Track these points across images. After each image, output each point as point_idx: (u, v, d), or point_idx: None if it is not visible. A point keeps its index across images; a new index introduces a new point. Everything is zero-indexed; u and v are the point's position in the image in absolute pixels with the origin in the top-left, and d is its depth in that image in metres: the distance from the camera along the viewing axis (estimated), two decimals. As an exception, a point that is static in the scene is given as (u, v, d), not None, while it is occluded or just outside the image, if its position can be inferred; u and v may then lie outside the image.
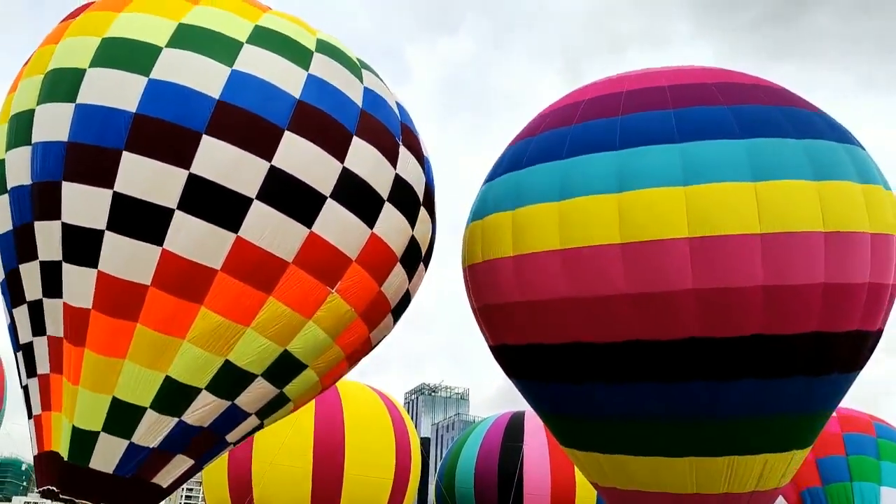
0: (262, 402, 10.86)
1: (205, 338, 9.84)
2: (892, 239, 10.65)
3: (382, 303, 11.70)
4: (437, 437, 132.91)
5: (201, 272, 9.62)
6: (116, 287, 9.60)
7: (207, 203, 9.55)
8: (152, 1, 10.32)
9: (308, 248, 10.10)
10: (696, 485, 11.46)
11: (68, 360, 9.98)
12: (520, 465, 23.61)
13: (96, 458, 9.92)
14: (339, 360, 11.65)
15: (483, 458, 24.72)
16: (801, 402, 11.04)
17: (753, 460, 11.30)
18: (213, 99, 9.61)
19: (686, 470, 11.36)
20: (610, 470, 12.20)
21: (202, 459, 11.09)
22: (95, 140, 9.52)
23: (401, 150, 11.38)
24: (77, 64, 9.83)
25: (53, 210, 9.72)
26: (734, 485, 11.39)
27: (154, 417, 9.90)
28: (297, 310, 10.24)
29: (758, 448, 11.29)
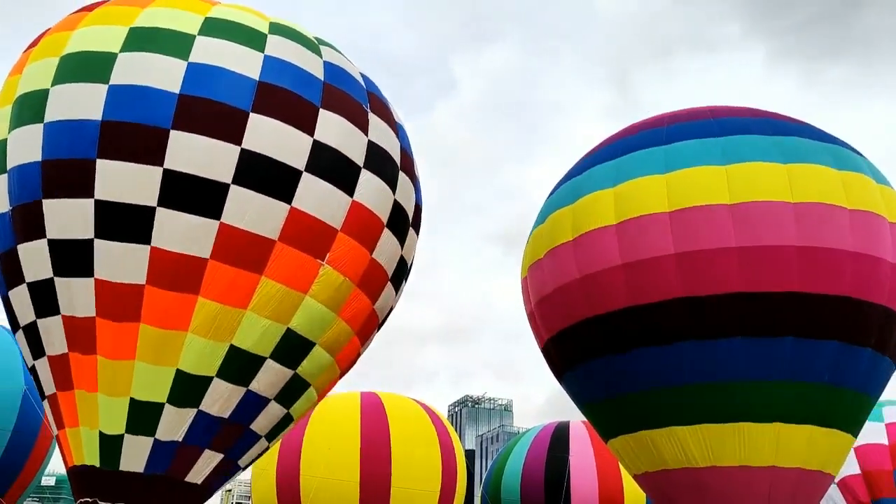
0: (278, 387, 10.86)
1: (206, 326, 10.00)
2: None
3: (377, 270, 11.66)
4: (481, 448, 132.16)
5: (192, 263, 9.83)
6: (115, 291, 9.82)
7: (186, 195, 9.77)
8: (103, 13, 10.65)
9: (291, 223, 10.24)
10: (742, 456, 11.68)
11: (79, 371, 10.16)
12: (566, 475, 23.34)
13: (125, 459, 10.11)
14: (349, 336, 11.62)
15: (529, 469, 24.52)
16: (837, 372, 11.67)
17: (797, 430, 11.70)
18: (175, 94, 9.83)
19: (739, 438, 11.64)
20: (665, 445, 12.29)
21: (232, 453, 11.10)
22: (68, 153, 9.76)
23: (370, 117, 11.45)
24: (41, 86, 10.12)
25: (37, 229, 9.91)
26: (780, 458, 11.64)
27: (173, 412, 10.07)
28: (291, 286, 10.36)
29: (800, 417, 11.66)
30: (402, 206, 11.95)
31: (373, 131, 11.33)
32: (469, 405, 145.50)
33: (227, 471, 11.32)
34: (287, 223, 10.17)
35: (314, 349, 10.99)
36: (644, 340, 12.02)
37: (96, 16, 10.59)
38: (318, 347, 11.04)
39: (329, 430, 19.75)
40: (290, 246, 10.22)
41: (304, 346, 10.87)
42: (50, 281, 9.92)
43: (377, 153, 11.32)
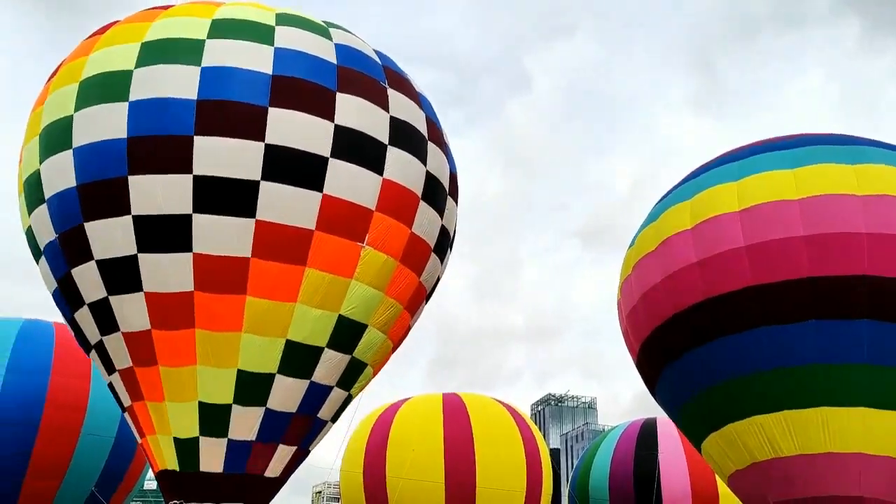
0: (338, 373, 10.99)
1: (259, 324, 10.12)
2: None
3: (419, 244, 11.61)
4: (566, 447, 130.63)
5: (235, 264, 9.94)
6: (165, 302, 10.04)
7: (219, 198, 9.87)
8: (114, 34, 10.82)
9: (325, 210, 10.26)
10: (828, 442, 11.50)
11: (145, 383, 10.48)
12: (657, 472, 22.70)
13: (204, 461, 10.44)
14: (398, 312, 11.64)
15: (617, 466, 23.98)
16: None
17: (885, 416, 11.43)
18: (193, 100, 9.96)
19: None
20: (750, 437, 12.17)
21: (304, 443, 11.34)
22: (100, 175, 9.95)
23: (389, 93, 11.33)
24: (64, 113, 10.37)
25: (84, 253, 10.16)
26: (868, 444, 11.40)
27: (241, 411, 10.29)
28: (336, 272, 10.40)
29: (886, 402, 11.43)
30: (435, 176, 11.84)
31: (394, 107, 11.25)
32: (552, 404, 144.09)
33: (299, 459, 11.58)
34: (322, 211, 10.22)
35: (367, 331, 11.07)
36: (764, 320, 11.98)
37: (108, 37, 10.82)
38: (371, 328, 11.13)
39: (412, 431, 19.83)
40: (328, 233, 10.27)
41: (357, 330, 10.95)
42: (105, 300, 10.24)
43: (401, 128, 11.23)
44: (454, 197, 12.77)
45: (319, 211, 10.18)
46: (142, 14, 11.11)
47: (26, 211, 11.07)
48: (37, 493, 15.62)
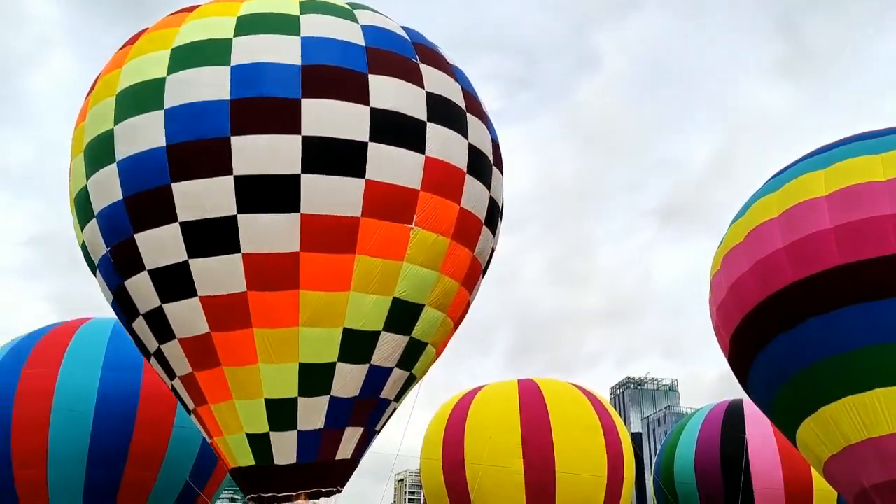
0: (398, 354, 11.00)
1: (315, 316, 10.17)
2: None
3: (469, 218, 11.43)
4: (648, 431, 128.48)
5: (284, 260, 9.96)
6: (220, 304, 10.16)
7: (261, 196, 9.87)
8: (144, 43, 10.88)
9: (370, 196, 10.15)
10: None
11: (208, 386, 10.70)
12: (745, 455, 22.03)
13: (277, 454, 10.68)
14: (455, 289, 11.52)
15: (702, 450, 23.36)
16: None
17: None
18: (226, 101, 9.97)
19: None
20: (844, 418, 11.99)
21: (371, 424, 11.45)
22: (145, 185, 10.09)
23: (422, 68, 11.11)
24: (105, 127, 10.51)
25: (136, 264, 10.33)
26: None
27: (307, 403, 10.44)
28: (387, 257, 10.33)
29: None
30: (478, 148, 11.63)
31: (428, 82, 11.06)
32: (631, 387, 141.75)
33: (369, 440, 11.74)
34: (366, 197, 10.14)
35: (424, 311, 11.06)
36: (852, 299, 11.93)
37: (139, 47, 10.96)
38: (428, 308, 11.10)
39: (489, 419, 19.89)
40: (374, 219, 10.20)
41: (413, 311, 10.94)
42: (160, 309, 10.47)
43: (438, 103, 11.05)
44: (499, 167, 12.55)
45: (364, 197, 10.12)
46: (169, 19, 11.27)
47: (79, 227, 11.39)
48: (136, 484, 16.43)
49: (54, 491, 15.99)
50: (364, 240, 10.14)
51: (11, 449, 16.05)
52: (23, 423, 16.12)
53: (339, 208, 10.04)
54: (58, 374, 16.52)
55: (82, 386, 16.47)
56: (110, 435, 16.30)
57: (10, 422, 16.17)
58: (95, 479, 16.09)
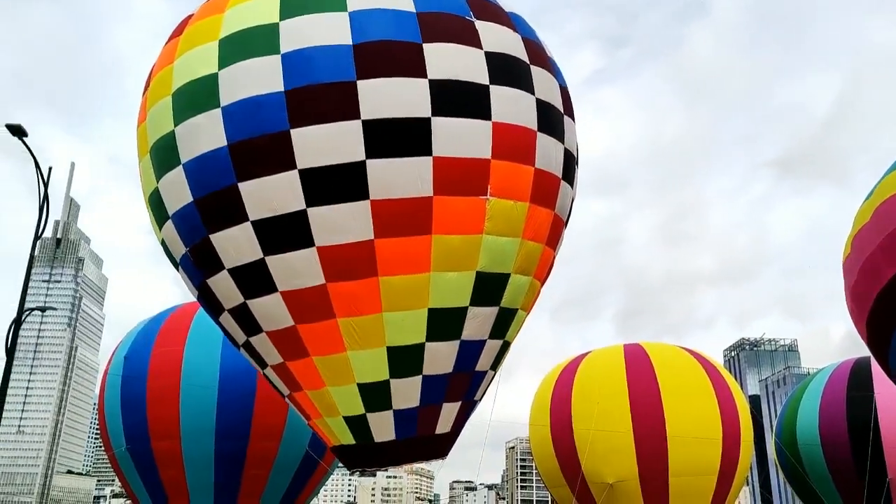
0: (488, 325, 10.82)
1: (398, 300, 10.04)
2: None
3: (546, 177, 10.91)
4: (766, 393, 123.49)
5: (360, 249, 9.80)
6: (300, 298, 10.13)
7: (328, 188, 9.63)
8: (191, 34, 10.69)
9: (439, 172, 9.80)
10: None
11: (301, 375, 10.86)
12: (874, 415, 20.82)
13: (376, 433, 10.86)
14: (539, 251, 11.15)
15: (826, 410, 22.24)
16: None
17: None
18: (281, 92, 9.72)
19: None
20: None
21: (469, 396, 11.40)
22: (212, 187, 10.05)
23: (478, 25, 10.46)
24: (166, 129, 10.46)
25: (215, 263, 10.38)
26: None
27: (400, 383, 10.47)
28: (464, 232, 10.03)
29: None
30: (546, 102, 11.02)
31: (486, 40, 10.46)
32: (746, 349, 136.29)
33: (468, 410, 11.77)
34: (436, 174, 9.80)
35: (510, 279, 10.79)
36: None
37: (186, 39, 10.78)
38: (513, 275, 10.82)
39: (595, 384, 19.75)
40: (447, 195, 9.88)
41: (499, 281, 10.69)
42: (244, 305, 10.63)
43: (499, 61, 10.45)
44: (570, 114, 11.92)
45: (433, 175, 9.79)
46: (211, 4, 11.04)
47: (157, 226, 11.54)
48: (261, 453, 17.41)
49: (189, 460, 17.19)
50: (439, 218, 9.90)
51: (148, 423, 17.37)
52: (156, 399, 17.38)
53: (408, 190, 9.74)
54: (183, 352, 17.67)
55: (206, 363, 17.53)
56: (234, 409, 17.30)
57: (144, 397, 17.49)
58: (224, 449, 17.17)
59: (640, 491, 18.81)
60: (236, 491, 17.48)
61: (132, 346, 18.61)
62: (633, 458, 18.81)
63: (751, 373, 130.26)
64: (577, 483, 19.07)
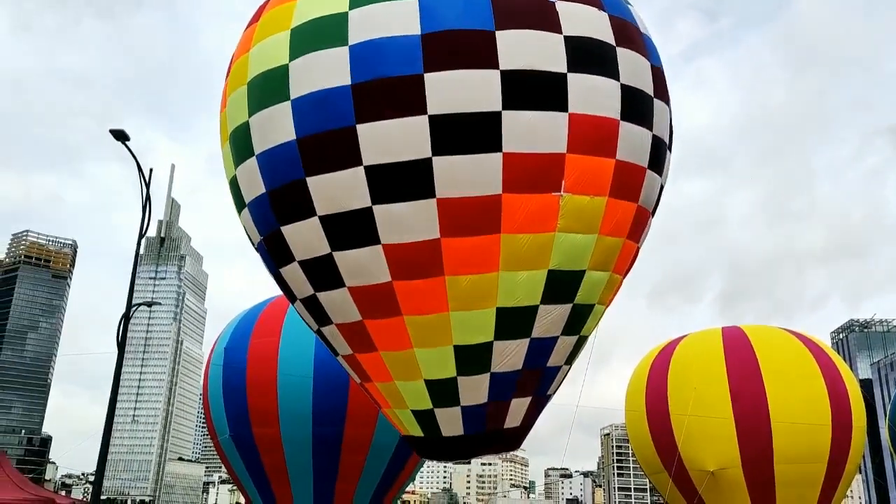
0: (561, 322, 10.44)
1: (466, 300, 9.78)
2: None
3: (631, 169, 10.20)
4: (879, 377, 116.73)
5: (426, 247, 9.56)
6: (367, 294, 10.09)
7: (394, 185, 9.40)
8: (265, 23, 10.57)
9: (510, 169, 9.30)
10: None
11: (370, 367, 10.92)
12: None
13: (444, 428, 10.82)
14: (618, 246, 10.54)
15: (946, 394, 20.80)
16: None
17: None
18: (347, 86, 9.48)
19: None
20: None
21: (540, 392, 11.13)
22: (281, 180, 10.00)
23: (559, 6, 9.73)
24: (242, 119, 10.41)
25: (287, 255, 10.41)
26: None
27: (467, 381, 10.30)
28: (535, 230, 9.57)
29: None
30: (632, 87, 10.23)
31: (567, 23, 9.73)
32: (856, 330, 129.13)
33: (540, 405, 11.51)
34: (506, 171, 9.31)
35: (585, 276, 10.32)
36: None
37: (262, 27, 10.70)
38: (589, 272, 10.34)
39: (692, 368, 19.13)
40: (516, 193, 9.40)
41: (572, 279, 10.24)
42: (314, 297, 10.73)
43: (580, 46, 9.71)
44: (662, 96, 11.05)
45: (503, 171, 9.32)
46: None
47: (237, 211, 11.67)
48: (357, 438, 17.81)
49: (288, 444, 17.78)
50: (508, 217, 9.47)
51: (249, 410, 18.06)
52: (255, 388, 18.04)
53: (476, 188, 9.37)
54: (279, 343, 18.26)
55: (300, 353, 18.04)
56: (329, 396, 17.74)
57: (245, 386, 18.20)
58: (321, 434, 17.65)
59: (744, 479, 18.11)
60: (334, 475, 17.95)
61: (231, 338, 19.40)
62: (735, 445, 18.11)
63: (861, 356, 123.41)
64: (673, 469, 18.56)
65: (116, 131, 18.48)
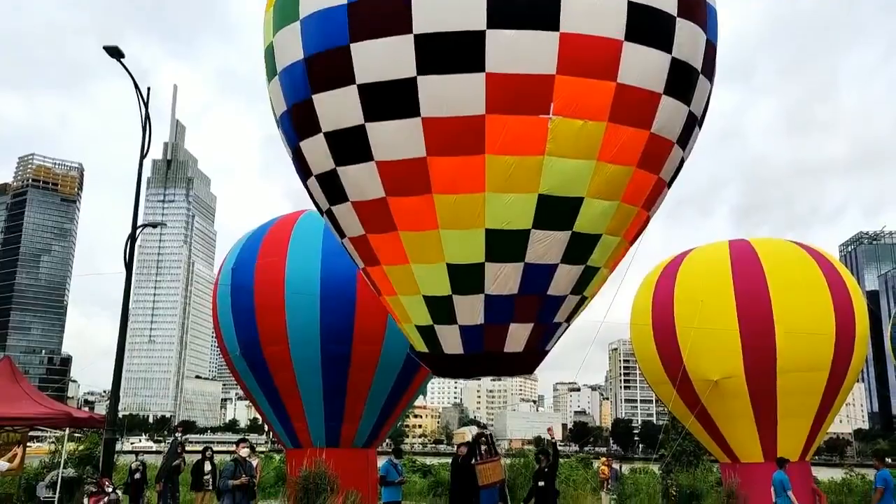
0: (559, 250, 10.17)
1: (454, 219, 9.75)
2: None
3: (659, 144, 9.94)
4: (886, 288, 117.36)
5: (414, 166, 9.56)
6: (364, 209, 10.10)
7: (442, 56, 9.13)
8: None
9: (494, 90, 9.03)
10: None
11: (379, 281, 11.21)
12: None
13: (444, 345, 10.97)
14: (625, 175, 10.00)
15: (952, 304, 20.82)
16: None
17: None
18: (344, 5, 9.34)
19: None
20: None
21: (543, 318, 10.97)
22: (324, 45, 9.69)
23: None
24: None
25: (312, 125, 10.20)
26: None
27: (461, 301, 10.36)
28: (521, 153, 9.29)
29: None
30: (683, 62, 9.84)
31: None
32: (865, 242, 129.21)
33: (547, 331, 11.39)
34: (489, 92, 9.06)
35: (584, 203, 9.96)
36: None
37: None
38: (589, 199, 9.96)
39: (698, 282, 19.11)
40: (500, 114, 9.18)
41: (568, 205, 9.91)
42: (333, 171, 10.46)
43: (641, 13, 9.38)
44: (708, 73, 10.72)
45: (487, 92, 9.06)
46: None
47: (267, 81, 11.34)
48: (365, 356, 18.12)
49: (297, 362, 18.13)
50: (492, 137, 9.26)
51: (258, 329, 18.34)
52: (263, 307, 18.25)
53: (461, 108, 9.17)
54: (286, 262, 18.34)
55: (307, 272, 18.16)
56: (336, 315, 17.95)
57: (253, 306, 18.41)
58: (330, 352, 17.97)
59: (747, 387, 18.41)
60: (343, 391, 18.38)
61: (238, 258, 19.50)
62: (739, 356, 18.31)
63: (869, 268, 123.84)
64: (678, 380, 18.85)
65: (110, 48, 18.02)
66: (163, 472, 16.54)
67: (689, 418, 19.57)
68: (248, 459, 12.10)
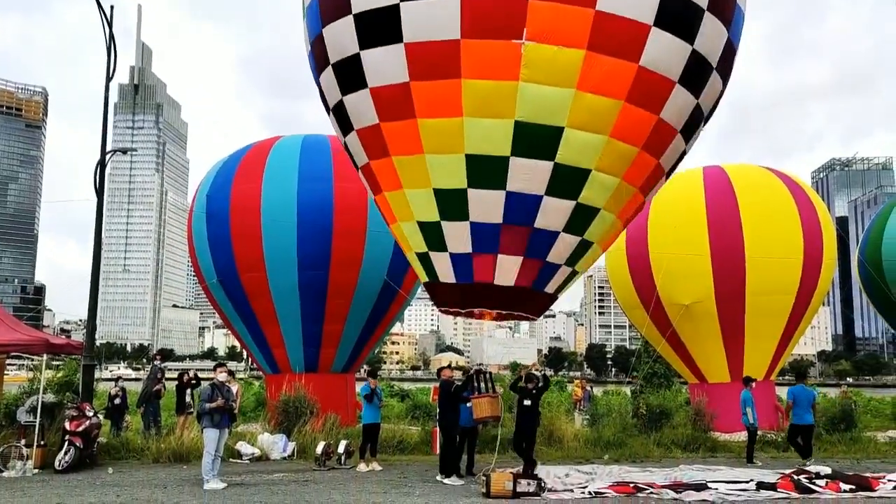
0: (542, 181, 10.05)
1: (436, 144, 9.89)
2: None
3: (664, 130, 10.05)
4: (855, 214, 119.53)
5: (399, 91, 9.75)
6: (365, 137, 10.33)
7: (375, 30, 9.63)
8: None
9: (468, 14, 9.10)
10: None
11: (383, 207, 11.31)
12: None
13: (440, 274, 11.06)
14: (613, 108, 9.71)
15: (917, 228, 21.33)
16: None
17: None
18: None
19: None
20: None
21: (531, 253, 10.84)
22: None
23: None
24: None
25: (343, 8, 10.04)
26: None
27: (449, 227, 10.48)
28: (497, 77, 9.28)
29: None
30: (701, 54, 9.83)
31: None
32: (837, 169, 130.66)
33: (543, 270, 11.11)
34: (464, 17, 9.15)
35: (565, 133, 9.77)
36: None
37: None
38: (570, 130, 9.75)
39: (672, 207, 19.26)
40: (475, 39, 9.28)
41: (547, 134, 9.80)
42: (356, 56, 10.25)
43: (672, 4, 9.36)
44: (723, 74, 10.63)
45: (461, 17, 9.18)
46: None
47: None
48: (342, 282, 18.25)
49: (275, 288, 18.24)
50: (468, 62, 9.35)
51: (235, 256, 18.32)
52: (240, 234, 18.20)
53: (438, 32, 9.32)
54: (261, 188, 18.19)
55: (283, 198, 18.06)
56: (313, 241, 17.99)
57: (229, 233, 18.33)
58: (307, 278, 18.08)
59: (716, 310, 18.90)
60: (321, 317, 18.57)
61: (213, 185, 19.26)
62: (710, 280, 18.72)
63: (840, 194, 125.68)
64: (651, 305, 19.28)
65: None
66: (143, 396, 16.72)
67: (660, 342, 20.12)
68: (227, 384, 12.21)
